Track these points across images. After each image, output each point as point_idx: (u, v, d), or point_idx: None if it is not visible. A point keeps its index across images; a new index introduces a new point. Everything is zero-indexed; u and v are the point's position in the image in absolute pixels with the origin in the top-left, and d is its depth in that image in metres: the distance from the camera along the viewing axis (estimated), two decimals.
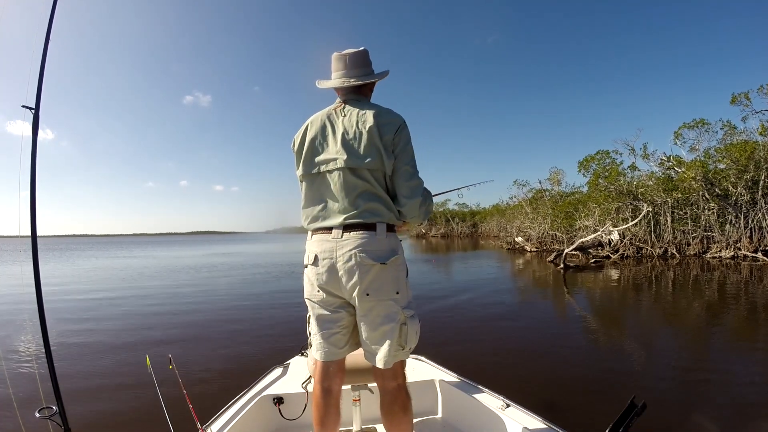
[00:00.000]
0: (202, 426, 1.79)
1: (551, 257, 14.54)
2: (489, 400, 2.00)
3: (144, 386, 3.24)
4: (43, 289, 1.79)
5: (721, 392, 3.51)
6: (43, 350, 1.75)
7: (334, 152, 1.52)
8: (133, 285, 11.75)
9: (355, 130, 1.51)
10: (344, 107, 1.58)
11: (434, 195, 1.86)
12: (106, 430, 2.99)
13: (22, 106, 1.78)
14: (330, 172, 1.52)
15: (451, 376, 2.31)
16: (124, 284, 11.95)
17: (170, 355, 2.35)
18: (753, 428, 2.91)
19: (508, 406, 1.91)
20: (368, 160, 1.48)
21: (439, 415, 2.27)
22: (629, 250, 16.47)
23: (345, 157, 1.49)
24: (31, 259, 1.78)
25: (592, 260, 14.50)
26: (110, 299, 9.15)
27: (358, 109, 1.55)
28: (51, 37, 1.79)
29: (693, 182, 16.06)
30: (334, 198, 1.51)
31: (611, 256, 15.78)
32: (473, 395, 2.06)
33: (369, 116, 1.51)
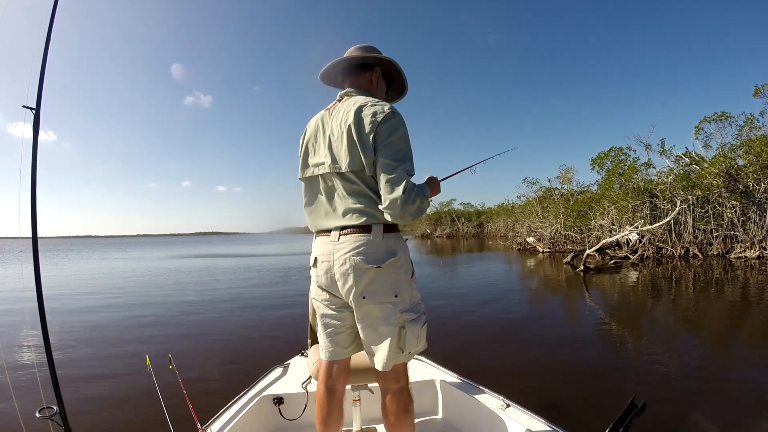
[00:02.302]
0: (202, 426, 1.85)
1: (568, 258, 14.34)
2: (489, 400, 2.04)
3: (144, 386, 3.32)
4: (43, 289, 1.85)
5: (723, 393, 3.53)
6: (44, 350, 1.80)
7: (322, 155, 1.55)
8: (132, 286, 11.90)
9: (339, 131, 1.51)
10: (335, 106, 1.59)
11: (442, 179, 1.81)
12: (106, 430, 3.07)
13: (23, 107, 1.83)
14: (323, 175, 1.56)
15: (451, 377, 2.36)
16: (124, 285, 12.11)
17: (170, 355, 2.42)
18: (753, 428, 2.93)
19: (508, 406, 1.95)
20: (349, 161, 1.47)
21: (440, 415, 2.32)
22: (648, 250, 16.25)
23: (329, 161, 1.52)
24: (32, 260, 1.84)
25: (611, 261, 14.24)
26: (110, 299, 9.31)
27: (345, 107, 1.53)
28: (52, 38, 1.85)
29: (717, 179, 15.81)
30: (328, 201, 1.55)
31: (630, 256, 15.57)
32: (474, 395, 2.10)
33: (351, 113, 1.48)
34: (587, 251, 13.56)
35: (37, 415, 1.71)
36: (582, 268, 12.22)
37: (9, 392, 3.35)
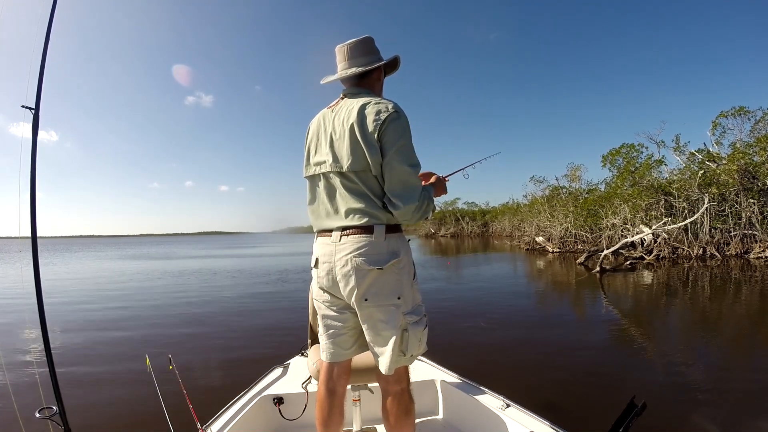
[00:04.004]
0: (202, 426, 1.89)
1: (581, 259, 14.20)
2: (490, 400, 2.08)
3: (144, 386, 3.38)
4: (42, 289, 1.90)
5: (725, 393, 3.57)
6: (44, 350, 1.84)
7: (324, 154, 1.57)
8: (132, 286, 12.02)
9: (341, 129, 1.51)
10: (338, 104, 1.60)
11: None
12: (106, 430, 3.14)
13: (22, 107, 1.87)
14: (324, 174, 1.57)
15: (451, 377, 2.40)
16: (124, 285, 12.23)
17: (170, 355, 2.47)
18: (753, 428, 2.97)
19: (508, 406, 1.99)
20: (351, 161, 1.47)
21: (440, 415, 2.36)
22: (664, 250, 16.02)
23: (331, 160, 1.53)
24: (31, 260, 1.88)
25: (627, 262, 13.98)
26: (110, 300, 9.43)
27: (348, 105, 1.54)
28: (52, 37, 1.89)
29: (735, 175, 15.59)
30: (330, 200, 1.56)
31: (645, 257, 15.38)
32: (474, 395, 2.14)
33: (354, 111, 1.49)
34: (605, 252, 13.21)
35: (37, 415, 1.74)
36: (598, 269, 11.90)
37: (8, 392, 3.42)
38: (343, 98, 1.61)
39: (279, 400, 2.22)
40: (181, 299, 9.48)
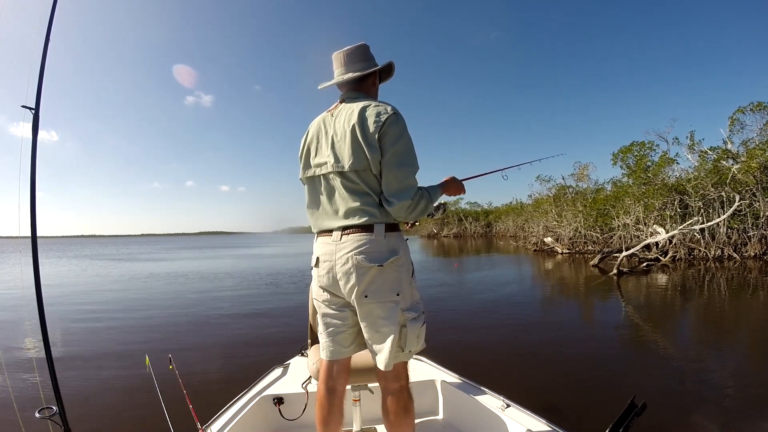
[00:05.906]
0: (202, 426, 1.94)
1: (595, 261, 14.10)
2: (490, 400, 2.12)
3: (144, 386, 3.44)
4: (42, 289, 1.95)
5: (727, 394, 3.60)
6: (44, 350, 1.89)
7: (325, 155, 1.64)
8: (132, 286, 12.15)
9: (342, 131, 1.59)
10: (337, 107, 1.68)
11: (465, 179, 1.92)
12: (106, 430, 3.21)
13: (22, 107, 1.92)
14: (324, 175, 1.65)
15: (451, 377, 2.44)
16: (124, 285, 12.36)
17: (170, 355, 2.53)
18: (753, 428, 2.99)
19: (508, 406, 2.03)
20: (353, 161, 1.55)
21: (440, 415, 2.40)
22: (680, 251, 15.82)
23: (332, 160, 1.60)
24: (31, 260, 1.93)
25: (643, 264, 13.71)
26: (110, 300, 9.56)
27: (348, 108, 1.62)
28: (52, 37, 1.95)
29: (757, 173, 15.38)
30: (330, 201, 1.63)
31: (661, 258, 15.17)
32: (474, 395, 2.18)
33: (355, 113, 1.57)
34: (623, 253, 12.92)
35: (37, 415, 1.80)
36: (615, 271, 11.64)
37: (8, 392, 3.49)
38: (341, 102, 1.69)
39: (279, 400, 2.26)
40: (181, 300, 9.59)
